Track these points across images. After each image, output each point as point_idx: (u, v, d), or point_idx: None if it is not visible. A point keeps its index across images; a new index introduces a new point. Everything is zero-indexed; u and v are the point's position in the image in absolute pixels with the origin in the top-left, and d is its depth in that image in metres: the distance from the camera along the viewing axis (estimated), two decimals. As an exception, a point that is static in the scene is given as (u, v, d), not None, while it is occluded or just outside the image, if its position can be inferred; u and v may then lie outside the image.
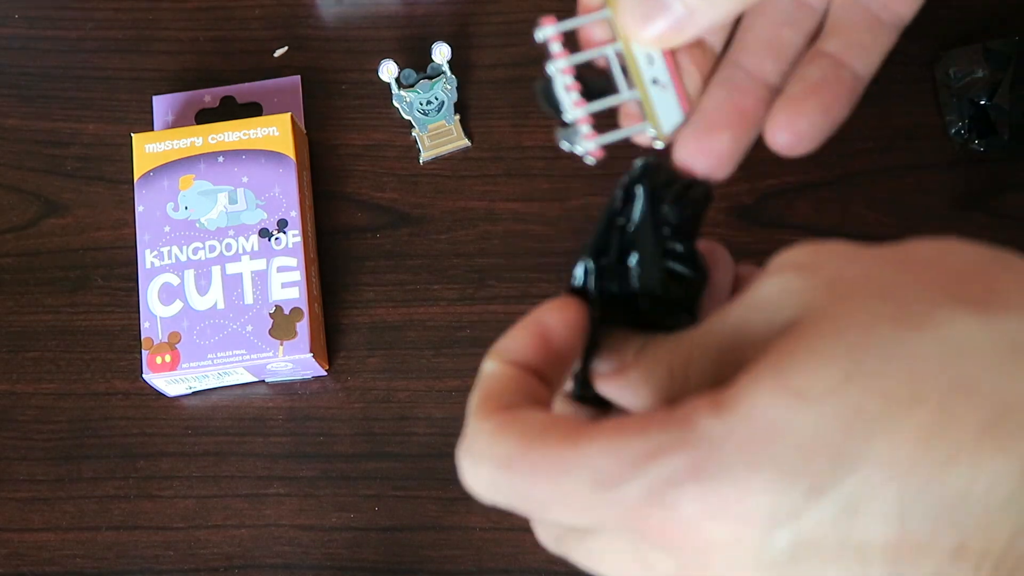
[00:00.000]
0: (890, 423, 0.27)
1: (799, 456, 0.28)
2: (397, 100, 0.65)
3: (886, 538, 0.28)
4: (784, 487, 0.28)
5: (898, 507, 0.27)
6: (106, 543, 0.60)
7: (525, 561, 0.58)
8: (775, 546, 0.28)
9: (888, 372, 0.27)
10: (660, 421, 0.29)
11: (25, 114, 0.67)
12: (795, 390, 0.28)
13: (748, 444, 0.28)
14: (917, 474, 0.27)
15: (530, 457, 0.30)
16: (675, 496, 0.28)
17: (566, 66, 0.36)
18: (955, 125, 0.62)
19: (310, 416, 0.61)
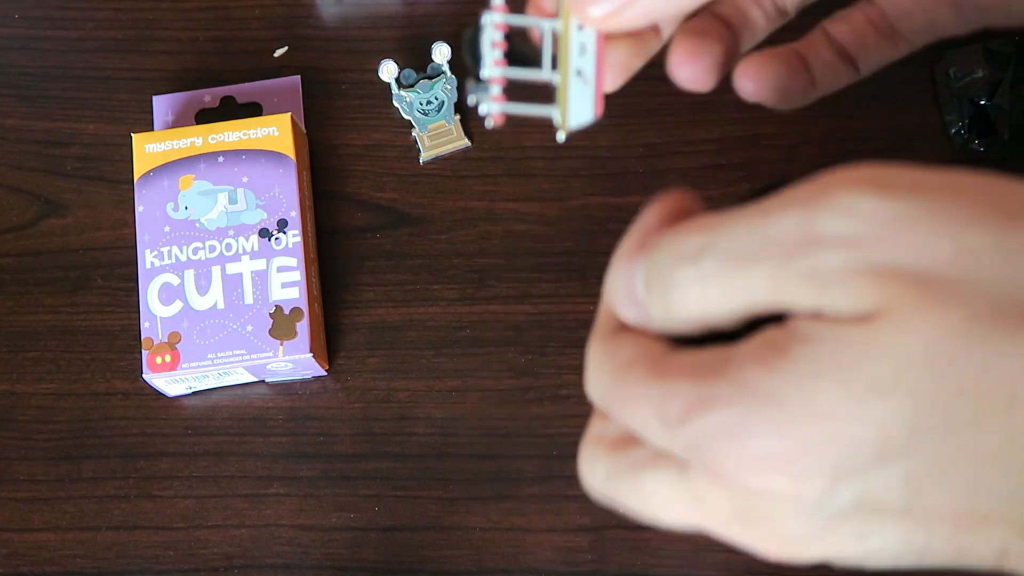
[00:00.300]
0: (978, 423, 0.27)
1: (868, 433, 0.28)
2: (397, 100, 0.65)
3: (956, 507, 0.28)
4: (852, 450, 0.28)
5: (971, 484, 0.28)
6: (106, 543, 0.60)
7: (525, 561, 0.58)
8: (837, 501, 0.29)
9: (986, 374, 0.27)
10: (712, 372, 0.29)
11: (25, 114, 0.67)
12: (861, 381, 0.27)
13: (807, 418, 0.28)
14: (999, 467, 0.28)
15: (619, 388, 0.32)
16: (728, 444, 0.29)
17: (500, 23, 0.35)
18: (955, 125, 0.62)
19: (310, 416, 0.61)
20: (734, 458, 0.29)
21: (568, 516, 0.58)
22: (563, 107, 0.36)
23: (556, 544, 0.58)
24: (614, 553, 0.58)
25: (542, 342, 0.61)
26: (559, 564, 0.58)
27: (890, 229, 0.28)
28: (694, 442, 0.29)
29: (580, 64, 0.36)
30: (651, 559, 0.58)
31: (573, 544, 0.58)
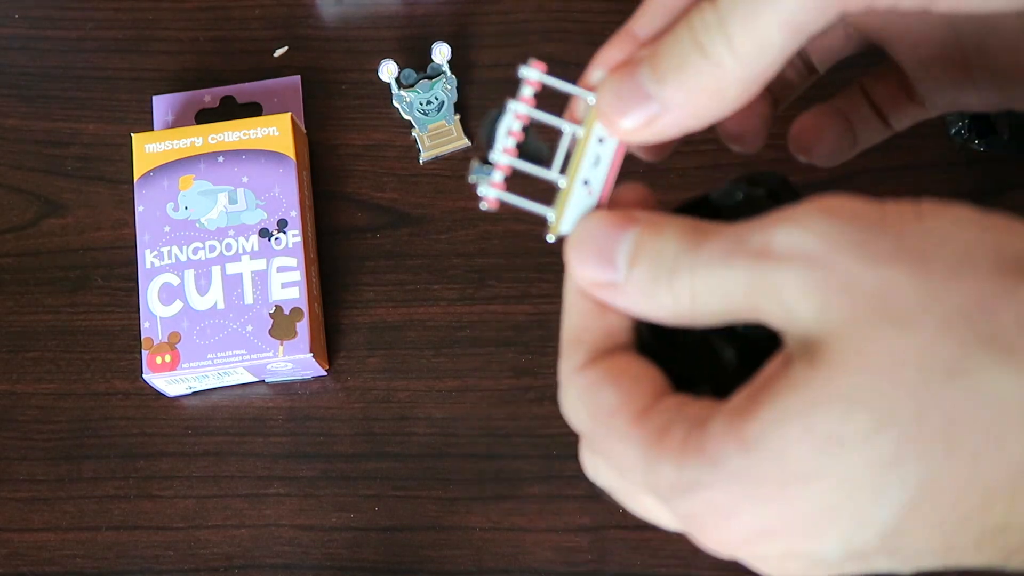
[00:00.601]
0: (927, 472, 0.28)
1: (833, 500, 0.29)
2: (397, 100, 0.65)
3: (934, 547, 0.30)
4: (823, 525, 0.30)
5: (941, 528, 0.29)
6: (106, 543, 0.60)
7: (525, 561, 0.58)
8: (824, 555, 0.30)
9: (923, 421, 0.28)
10: (693, 453, 0.31)
11: (25, 114, 0.67)
12: (825, 436, 0.29)
13: (782, 487, 0.29)
14: (958, 511, 0.29)
15: (601, 438, 0.33)
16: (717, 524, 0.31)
17: (523, 113, 0.35)
18: (955, 125, 0.62)
19: (310, 416, 0.61)
20: (725, 536, 0.31)
21: (568, 516, 0.58)
22: (559, 212, 0.36)
23: (556, 544, 0.58)
24: (614, 553, 0.58)
25: (542, 342, 0.61)
26: (559, 564, 0.58)
27: (835, 251, 0.30)
28: (681, 516, 0.32)
29: (590, 175, 0.35)
30: (651, 559, 0.58)
31: (573, 544, 0.58)
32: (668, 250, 0.32)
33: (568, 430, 0.62)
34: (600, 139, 0.35)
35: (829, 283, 0.29)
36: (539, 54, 0.36)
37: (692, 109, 0.34)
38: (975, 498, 0.28)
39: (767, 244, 0.30)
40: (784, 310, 0.30)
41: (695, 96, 0.33)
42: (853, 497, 0.29)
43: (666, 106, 0.34)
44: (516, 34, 0.66)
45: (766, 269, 0.30)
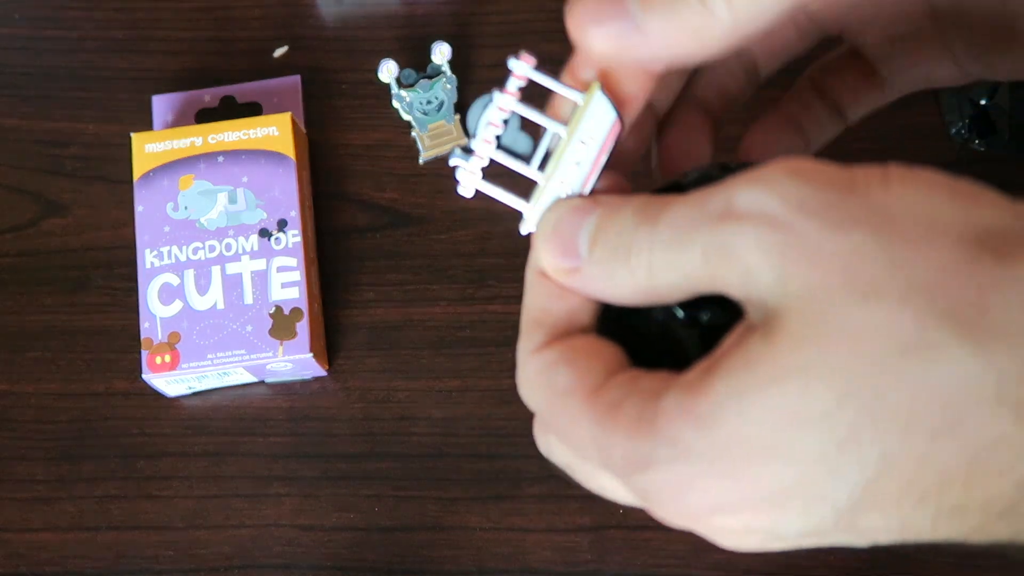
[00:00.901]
0: (883, 451, 0.28)
1: (790, 477, 0.29)
2: (397, 100, 0.65)
3: (889, 527, 0.29)
4: (780, 501, 0.29)
5: (898, 515, 0.29)
6: (106, 543, 0.60)
7: (525, 561, 0.58)
8: (782, 531, 0.30)
9: (882, 399, 0.28)
10: (646, 429, 0.30)
11: (25, 114, 0.67)
12: (782, 413, 0.28)
13: (738, 464, 0.29)
14: (914, 492, 0.28)
15: (556, 418, 0.33)
16: (673, 499, 0.30)
17: (506, 105, 0.35)
18: (955, 125, 0.62)
19: (310, 416, 0.61)
20: (681, 510, 0.31)
21: (568, 516, 0.58)
22: (534, 208, 0.35)
23: (556, 544, 0.58)
24: (614, 553, 0.58)
25: (542, 342, 0.61)
26: (559, 564, 0.58)
27: (799, 213, 0.29)
28: (637, 491, 0.31)
29: (570, 176, 0.35)
30: (651, 559, 0.58)
31: (573, 544, 0.58)
32: (625, 228, 0.32)
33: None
34: (583, 141, 0.35)
35: (790, 247, 0.28)
36: (539, 54, 0.36)
37: (669, 45, 0.33)
38: (931, 478, 0.28)
39: (728, 205, 0.29)
40: (743, 275, 0.29)
41: (678, 34, 0.33)
42: (810, 475, 0.28)
43: (644, 32, 0.33)
44: (516, 34, 0.66)
45: (726, 231, 0.29)
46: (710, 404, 0.29)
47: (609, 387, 0.32)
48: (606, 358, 0.33)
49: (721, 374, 0.29)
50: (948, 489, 0.28)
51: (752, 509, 0.30)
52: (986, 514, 0.28)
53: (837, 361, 0.28)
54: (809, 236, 0.28)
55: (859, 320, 0.28)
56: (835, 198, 0.29)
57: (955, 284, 0.28)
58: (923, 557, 0.56)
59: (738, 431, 0.29)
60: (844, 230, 0.28)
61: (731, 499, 0.29)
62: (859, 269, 0.28)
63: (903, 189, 0.29)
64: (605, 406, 0.31)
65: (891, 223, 0.28)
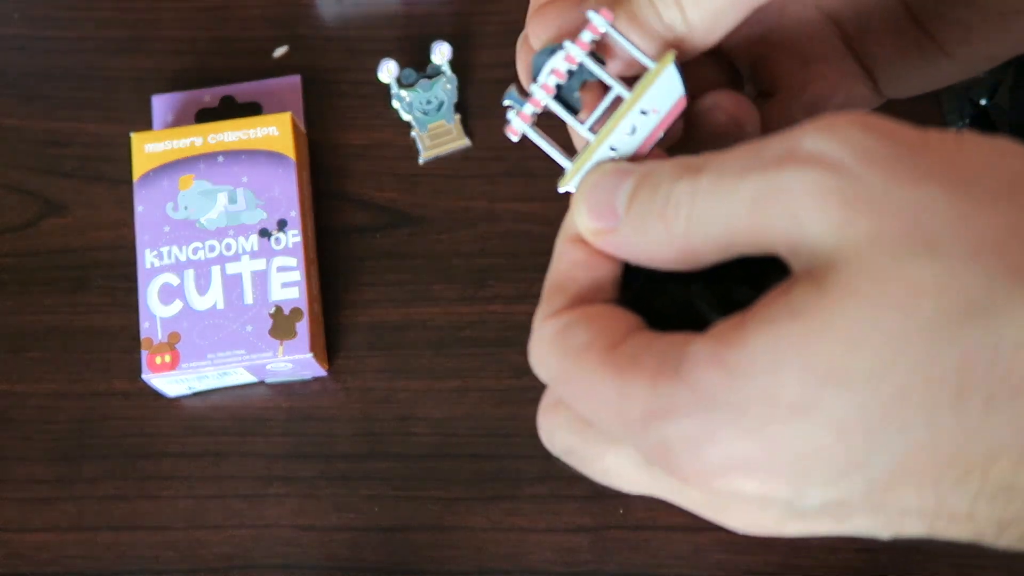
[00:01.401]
0: (930, 418, 0.26)
1: (823, 439, 0.27)
2: (397, 100, 0.65)
3: (923, 507, 0.27)
4: (808, 464, 0.27)
5: (934, 487, 0.27)
6: (106, 543, 0.60)
7: (525, 561, 0.58)
8: (805, 503, 0.28)
9: (936, 362, 0.26)
10: (669, 374, 0.28)
11: (25, 114, 0.67)
12: (824, 370, 0.26)
13: (768, 418, 0.27)
14: (959, 466, 0.27)
15: (571, 377, 0.31)
16: (691, 452, 0.28)
17: (576, 56, 0.34)
18: (955, 125, 0.62)
19: (310, 416, 0.61)
20: (699, 466, 0.28)
21: (568, 516, 0.58)
22: (578, 167, 0.34)
23: (556, 544, 0.58)
24: (614, 553, 0.58)
25: (542, 342, 0.61)
26: (559, 564, 0.58)
27: (866, 162, 0.27)
28: (655, 448, 0.29)
29: (621, 143, 0.34)
30: (651, 559, 0.58)
31: (573, 544, 0.58)
32: (664, 181, 0.30)
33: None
34: (643, 111, 0.34)
35: (853, 194, 0.27)
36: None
37: None
38: (979, 453, 0.26)
39: (790, 150, 0.28)
40: (796, 222, 0.27)
41: None
42: (846, 438, 0.26)
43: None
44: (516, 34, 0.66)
45: (783, 174, 0.27)
46: (743, 354, 0.27)
47: (628, 343, 0.30)
48: (627, 319, 0.31)
49: (759, 324, 0.27)
50: (995, 465, 0.26)
51: (775, 471, 0.27)
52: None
53: (892, 317, 0.26)
54: (874, 185, 0.27)
55: (921, 275, 0.26)
56: (905, 151, 0.27)
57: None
58: (924, 558, 0.56)
59: (772, 384, 0.27)
60: (912, 182, 0.27)
61: (754, 456, 0.27)
62: (925, 222, 0.26)
63: (977, 151, 0.28)
64: (625, 358, 0.30)
65: (963, 181, 0.27)
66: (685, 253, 0.30)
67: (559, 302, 0.32)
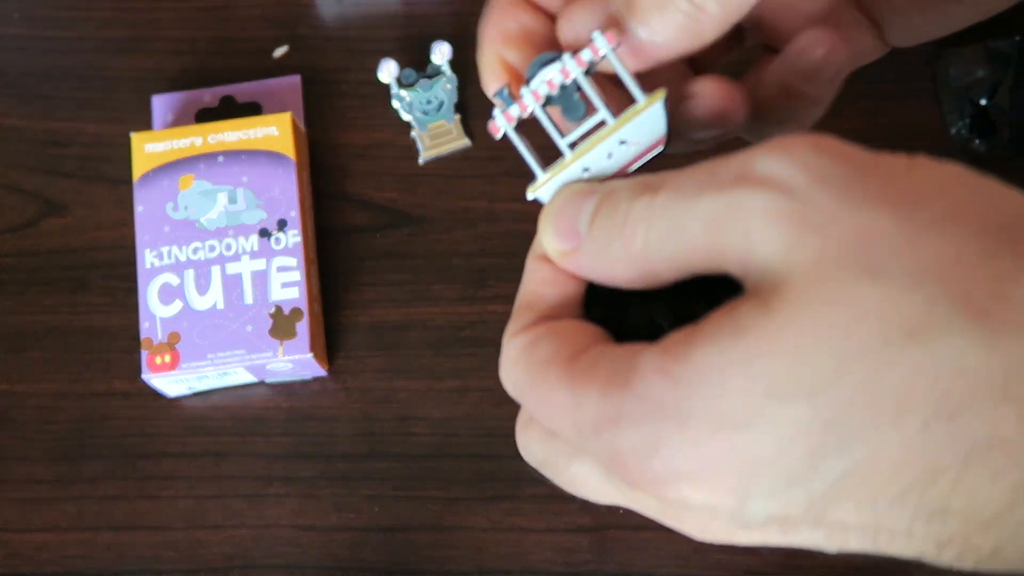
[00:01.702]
0: (869, 438, 0.27)
1: (765, 452, 0.27)
2: (397, 100, 0.65)
3: (863, 522, 0.28)
4: (750, 476, 0.28)
5: (872, 503, 0.27)
6: (106, 543, 0.60)
7: (525, 561, 0.58)
8: (749, 515, 0.29)
9: (877, 382, 0.26)
10: (619, 383, 0.29)
11: (25, 114, 0.67)
12: (767, 387, 0.27)
13: (713, 430, 0.27)
14: (896, 485, 0.27)
15: (533, 389, 0.32)
16: (639, 460, 0.29)
17: (571, 71, 0.34)
18: (955, 125, 0.62)
19: (310, 416, 0.61)
20: (646, 474, 0.29)
21: (568, 516, 0.58)
22: (547, 178, 0.35)
23: (556, 544, 0.58)
24: (614, 553, 0.58)
25: (542, 342, 0.61)
26: (559, 564, 0.58)
27: (817, 184, 0.28)
28: (607, 456, 0.30)
29: (596, 165, 0.34)
30: (651, 559, 0.58)
31: (573, 544, 0.58)
32: (623, 200, 0.31)
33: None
34: (623, 141, 0.34)
35: (802, 216, 0.27)
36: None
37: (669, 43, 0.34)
38: (916, 473, 0.26)
39: (743, 171, 0.28)
40: (746, 241, 0.28)
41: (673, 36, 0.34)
42: (787, 453, 0.27)
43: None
44: (516, 34, 0.66)
45: (736, 195, 0.28)
46: (688, 367, 0.28)
47: (587, 353, 0.31)
48: (590, 332, 0.32)
49: (705, 338, 0.28)
50: (932, 487, 0.27)
51: (718, 483, 0.28)
52: (968, 523, 0.27)
53: (834, 338, 0.26)
54: (824, 208, 0.27)
55: (863, 298, 0.26)
56: (855, 175, 0.28)
57: (971, 273, 0.26)
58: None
59: (715, 398, 0.27)
60: (860, 206, 0.27)
61: (698, 467, 0.28)
62: (870, 246, 0.27)
63: (927, 176, 0.28)
64: (581, 369, 0.30)
65: (910, 206, 0.27)
66: (644, 272, 0.31)
67: (527, 318, 0.33)
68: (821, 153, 0.28)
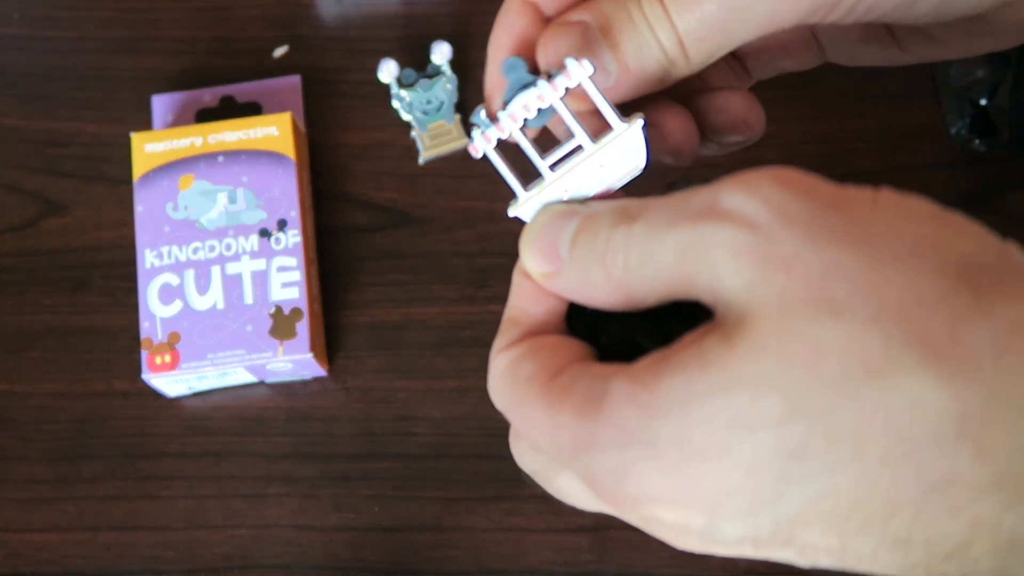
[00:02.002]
0: (831, 469, 0.27)
1: (732, 481, 0.28)
2: (397, 100, 0.65)
3: (830, 546, 0.29)
4: (718, 502, 0.29)
5: (838, 530, 0.28)
6: (106, 543, 0.60)
7: (525, 561, 0.58)
8: (721, 535, 0.30)
9: (836, 417, 0.27)
10: (591, 408, 0.30)
11: (25, 114, 0.67)
12: (731, 418, 0.28)
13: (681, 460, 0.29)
14: (859, 514, 0.28)
15: (515, 407, 0.33)
16: (613, 484, 0.30)
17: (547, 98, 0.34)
18: (955, 125, 0.62)
19: (310, 416, 0.61)
20: (621, 495, 0.30)
21: (568, 516, 0.58)
22: (527, 197, 0.36)
23: (556, 544, 0.58)
24: (614, 553, 0.58)
25: (542, 342, 0.61)
26: (559, 564, 0.58)
27: (780, 221, 0.28)
28: (583, 475, 0.31)
29: (574, 188, 0.35)
30: (651, 559, 0.58)
31: (573, 544, 0.58)
32: (603, 227, 0.32)
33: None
34: (602, 165, 0.35)
35: (764, 252, 0.28)
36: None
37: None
38: (877, 505, 0.27)
39: (710, 205, 0.29)
40: (712, 275, 0.29)
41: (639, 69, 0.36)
42: (754, 480, 0.28)
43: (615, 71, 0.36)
44: (516, 34, 0.66)
45: (702, 228, 0.29)
46: (656, 396, 0.29)
47: (565, 373, 0.32)
48: (572, 349, 0.33)
49: (672, 369, 0.29)
50: (893, 520, 0.27)
51: (689, 506, 0.29)
52: (932, 553, 0.28)
53: (795, 374, 0.27)
54: (785, 244, 0.28)
55: (824, 336, 0.27)
56: (818, 211, 0.29)
57: (929, 312, 0.27)
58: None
59: (682, 427, 0.28)
60: (822, 243, 0.28)
61: (668, 491, 0.29)
62: (831, 284, 0.28)
63: (890, 212, 0.29)
64: (558, 389, 0.31)
65: (871, 243, 0.28)
66: (624, 297, 0.32)
67: (512, 335, 0.34)
68: (784, 188, 0.29)
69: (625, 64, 0.36)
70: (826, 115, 0.63)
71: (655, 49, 0.35)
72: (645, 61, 0.36)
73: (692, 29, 0.35)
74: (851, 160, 0.63)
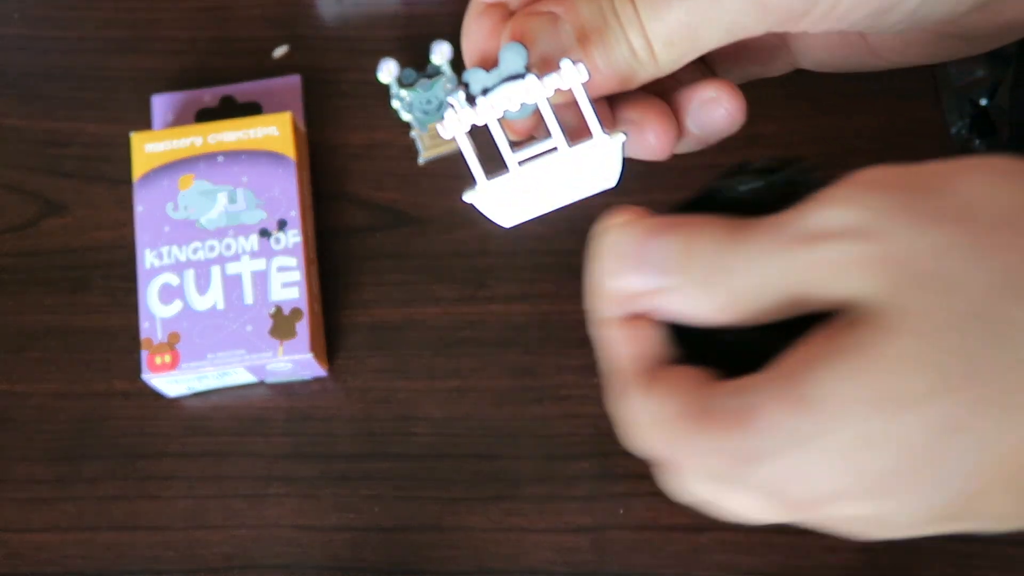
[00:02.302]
0: (988, 435, 0.29)
1: (901, 463, 0.29)
2: (397, 100, 0.65)
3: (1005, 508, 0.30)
4: (895, 490, 0.30)
5: (1016, 497, 0.29)
6: (106, 543, 0.60)
7: (525, 561, 0.58)
8: (900, 517, 0.31)
9: (975, 384, 0.29)
10: (745, 422, 0.31)
11: (25, 114, 0.67)
12: (886, 396, 0.29)
13: (848, 449, 0.29)
14: (1019, 483, 0.29)
15: (679, 451, 0.33)
16: (785, 490, 0.31)
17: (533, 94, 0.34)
18: (955, 125, 0.62)
19: (310, 416, 0.61)
20: (799, 500, 0.31)
21: (568, 516, 0.58)
22: (488, 186, 0.36)
23: (556, 544, 0.58)
24: (614, 553, 0.58)
25: (542, 342, 0.61)
26: (559, 564, 0.58)
27: (887, 221, 0.30)
28: (760, 488, 0.31)
29: (538, 187, 0.35)
30: (651, 559, 0.58)
31: (573, 544, 0.58)
32: (720, 248, 0.32)
33: (568, 430, 0.62)
34: (573, 172, 0.35)
35: (887, 254, 0.30)
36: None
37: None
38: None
39: (816, 226, 0.30)
40: (839, 288, 0.30)
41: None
42: (923, 459, 0.29)
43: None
44: (516, 34, 0.66)
45: (818, 251, 0.30)
46: (817, 389, 0.30)
47: (708, 401, 0.32)
48: (696, 378, 0.33)
49: (819, 363, 0.30)
50: None
51: (865, 495, 0.30)
52: None
53: (932, 350, 0.29)
54: (901, 240, 0.30)
55: (951, 311, 0.29)
56: (914, 200, 0.30)
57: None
58: (924, 557, 0.56)
59: (843, 415, 0.29)
60: (929, 229, 0.30)
61: (845, 485, 0.30)
62: (946, 264, 0.29)
63: (977, 181, 0.30)
64: (709, 417, 0.32)
65: (972, 218, 0.30)
66: (738, 314, 0.32)
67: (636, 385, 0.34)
68: (874, 191, 0.31)
69: (595, 63, 0.37)
70: (826, 115, 0.63)
71: (625, 50, 0.36)
72: (615, 61, 0.37)
73: (662, 33, 0.36)
74: (851, 160, 0.63)
